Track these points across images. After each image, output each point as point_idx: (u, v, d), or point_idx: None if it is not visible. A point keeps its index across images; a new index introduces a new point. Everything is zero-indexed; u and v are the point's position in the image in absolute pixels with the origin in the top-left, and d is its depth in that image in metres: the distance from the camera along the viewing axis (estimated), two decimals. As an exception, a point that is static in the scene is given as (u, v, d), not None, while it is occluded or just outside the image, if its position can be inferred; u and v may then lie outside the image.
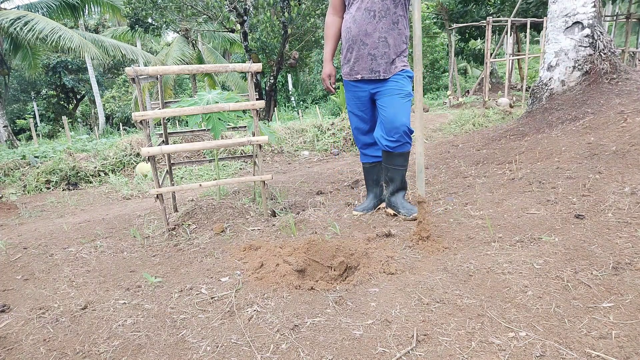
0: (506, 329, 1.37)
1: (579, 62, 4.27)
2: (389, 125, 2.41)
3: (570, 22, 4.29)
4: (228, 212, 2.95)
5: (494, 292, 1.59)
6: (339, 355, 1.32)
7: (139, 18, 10.78)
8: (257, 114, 2.74)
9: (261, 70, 2.94)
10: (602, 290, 1.50)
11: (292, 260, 1.97)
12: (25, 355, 1.48)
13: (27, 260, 2.42)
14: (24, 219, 3.93)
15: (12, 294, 2.00)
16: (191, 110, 2.52)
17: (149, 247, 2.51)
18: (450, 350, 1.30)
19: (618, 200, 2.16)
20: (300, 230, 2.52)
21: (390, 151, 2.48)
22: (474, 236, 2.12)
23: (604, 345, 1.24)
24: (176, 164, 3.41)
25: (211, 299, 1.76)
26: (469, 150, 4.21)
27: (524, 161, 3.24)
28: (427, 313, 1.50)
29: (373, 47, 2.37)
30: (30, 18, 11.59)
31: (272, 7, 10.30)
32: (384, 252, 2.03)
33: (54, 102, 23.95)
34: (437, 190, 3.05)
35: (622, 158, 2.62)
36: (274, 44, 10.76)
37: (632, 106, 3.40)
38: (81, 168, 5.84)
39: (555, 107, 4.20)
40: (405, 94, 2.43)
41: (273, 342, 1.42)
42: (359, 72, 2.46)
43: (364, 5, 2.33)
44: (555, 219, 2.14)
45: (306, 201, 3.21)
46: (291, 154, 6.73)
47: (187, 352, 1.42)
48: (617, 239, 1.83)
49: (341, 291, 1.72)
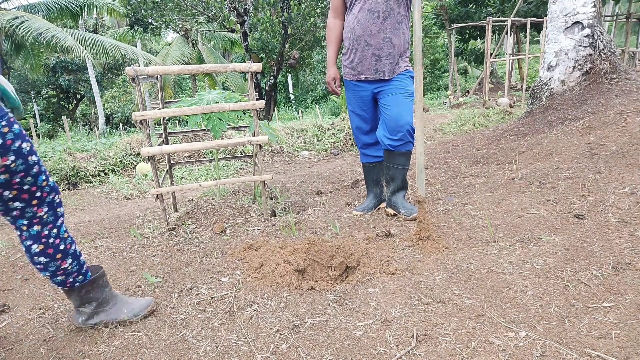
0: (506, 329, 1.37)
1: (579, 62, 4.27)
2: (393, 123, 2.41)
3: (570, 22, 4.29)
4: (228, 212, 2.95)
5: (494, 292, 1.59)
6: (339, 355, 1.32)
7: (138, 17, 10.77)
8: (257, 114, 2.74)
9: (261, 70, 2.94)
10: (602, 290, 1.50)
11: (292, 260, 1.97)
12: (25, 355, 1.48)
13: (27, 260, 2.42)
14: (24, 219, 3.93)
15: (12, 294, 2.00)
16: (191, 110, 2.52)
17: (149, 247, 2.51)
18: (450, 350, 1.30)
19: (618, 200, 2.16)
20: (300, 230, 2.52)
21: (393, 150, 2.48)
22: (474, 236, 2.12)
23: (604, 345, 1.24)
24: (176, 164, 3.41)
25: (211, 299, 1.76)
26: (469, 150, 4.21)
27: (524, 161, 3.24)
28: (427, 313, 1.50)
29: (378, 47, 2.37)
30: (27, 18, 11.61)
31: (272, 6, 10.30)
32: (384, 252, 2.03)
33: (53, 102, 23.94)
34: (437, 190, 3.05)
35: (622, 158, 2.62)
36: (274, 44, 10.76)
37: (632, 106, 3.40)
38: (81, 168, 5.84)
39: (555, 107, 4.20)
40: (409, 94, 2.43)
41: (273, 342, 1.42)
42: (363, 73, 2.46)
43: (367, 6, 2.33)
44: (555, 219, 2.14)
45: (306, 201, 3.21)
46: (291, 154, 6.73)
47: (187, 352, 1.42)
48: (617, 239, 1.83)
49: (341, 291, 1.72)
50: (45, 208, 1.40)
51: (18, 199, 1.33)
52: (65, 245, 1.47)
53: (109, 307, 1.60)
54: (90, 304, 1.57)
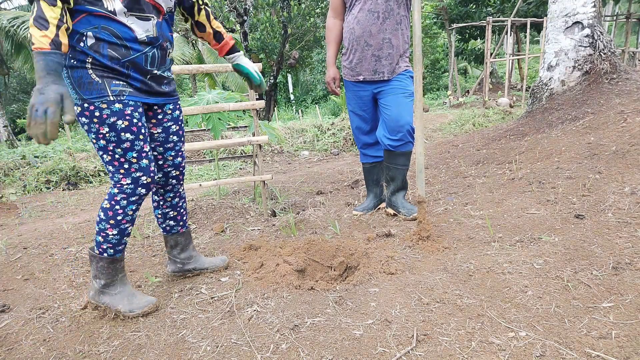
0: (506, 329, 1.37)
1: (579, 62, 4.27)
2: (393, 124, 2.41)
3: (570, 22, 4.29)
4: (228, 212, 2.95)
5: (494, 292, 1.59)
6: (339, 355, 1.33)
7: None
8: (257, 114, 2.74)
9: (261, 70, 2.94)
10: (602, 290, 1.50)
11: (292, 260, 1.97)
12: (25, 355, 1.48)
13: (27, 260, 2.42)
14: (24, 219, 3.93)
15: (12, 294, 2.00)
16: (191, 110, 2.52)
17: (149, 247, 2.51)
18: (450, 350, 1.30)
19: (618, 200, 2.16)
20: (300, 230, 2.52)
21: (393, 150, 2.48)
22: (474, 236, 2.12)
23: (604, 345, 1.24)
24: (176, 164, 3.40)
25: (211, 299, 1.76)
26: (469, 150, 4.21)
27: (524, 161, 3.24)
28: (427, 313, 1.50)
29: (377, 48, 2.37)
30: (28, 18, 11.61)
31: (272, 6, 10.30)
32: (384, 252, 2.03)
33: (54, 102, 23.90)
34: (437, 190, 3.05)
35: (622, 158, 2.62)
36: (274, 44, 10.76)
37: (632, 106, 3.40)
38: (81, 168, 5.84)
39: (555, 107, 4.20)
40: (409, 94, 2.43)
41: (273, 342, 1.42)
42: (362, 73, 2.46)
43: (367, 7, 2.33)
44: (555, 219, 2.14)
45: (306, 201, 3.21)
46: (291, 154, 6.73)
47: (187, 352, 1.42)
48: (617, 239, 1.83)
49: (341, 291, 1.72)
50: (129, 180, 1.58)
51: (111, 164, 1.57)
52: (123, 219, 1.61)
53: (116, 292, 1.68)
54: (99, 280, 1.66)
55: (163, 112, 1.73)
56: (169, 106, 1.75)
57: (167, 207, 1.87)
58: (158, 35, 1.56)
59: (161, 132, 1.74)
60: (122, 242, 1.65)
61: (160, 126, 1.74)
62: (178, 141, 1.80)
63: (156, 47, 1.57)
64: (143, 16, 1.51)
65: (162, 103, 1.71)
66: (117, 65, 1.49)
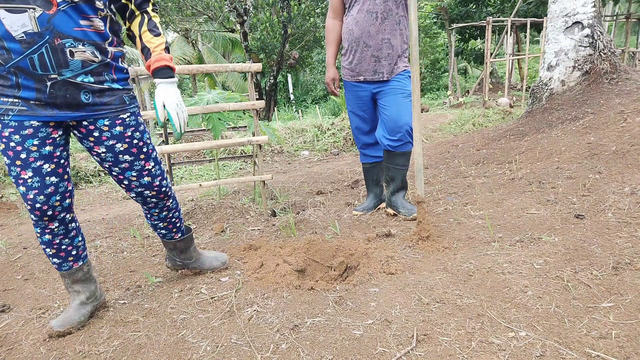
0: (506, 329, 1.37)
1: (579, 62, 4.27)
2: (392, 124, 2.41)
3: (570, 22, 4.29)
4: (228, 212, 2.95)
5: (494, 292, 1.59)
6: (339, 355, 1.33)
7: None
8: (257, 114, 2.74)
9: (261, 70, 2.94)
10: (602, 290, 1.50)
11: (292, 260, 1.97)
12: (25, 355, 1.48)
13: (27, 260, 2.42)
14: (24, 219, 3.93)
15: (12, 294, 2.00)
16: (191, 110, 2.52)
17: (149, 247, 2.51)
18: (450, 350, 1.30)
19: (618, 200, 2.16)
20: (300, 230, 2.52)
21: (392, 150, 2.48)
22: (474, 236, 2.12)
23: (604, 345, 1.24)
24: (176, 164, 3.41)
25: (211, 299, 1.76)
26: (469, 150, 4.21)
27: (524, 161, 3.24)
28: (427, 313, 1.50)
29: (376, 48, 2.37)
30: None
31: (272, 6, 10.30)
32: (384, 252, 2.03)
33: (54, 102, 23.91)
34: (437, 190, 3.05)
35: (622, 158, 2.62)
36: (274, 44, 10.76)
37: (632, 106, 3.40)
38: (81, 168, 5.84)
39: (555, 107, 4.20)
40: (408, 94, 2.43)
41: (273, 342, 1.42)
42: (361, 74, 2.46)
43: (366, 7, 2.33)
44: (555, 219, 2.14)
45: (306, 201, 3.21)
46: (291, 154, 6.73)
47: (187, 352, 1.42)
48: (617, 239, 1.83)
49: (341, 291, 1.72)
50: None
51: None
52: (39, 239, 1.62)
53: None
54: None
55: (98, 129, 1.47)
56: (103, 122, 1.46)
57: (155, 219, 1.79)
58: (43, 31, 1.26)
59: (106, 152, 1.51)
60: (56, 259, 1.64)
61: (102, 145, 1.50)
62: (135, 160, 1.56)
63: (44, 47, 1.27)
64: (14, 7, 1.22)
65: (83, 118, 1.43)
66: (4, 72, 1.29)
